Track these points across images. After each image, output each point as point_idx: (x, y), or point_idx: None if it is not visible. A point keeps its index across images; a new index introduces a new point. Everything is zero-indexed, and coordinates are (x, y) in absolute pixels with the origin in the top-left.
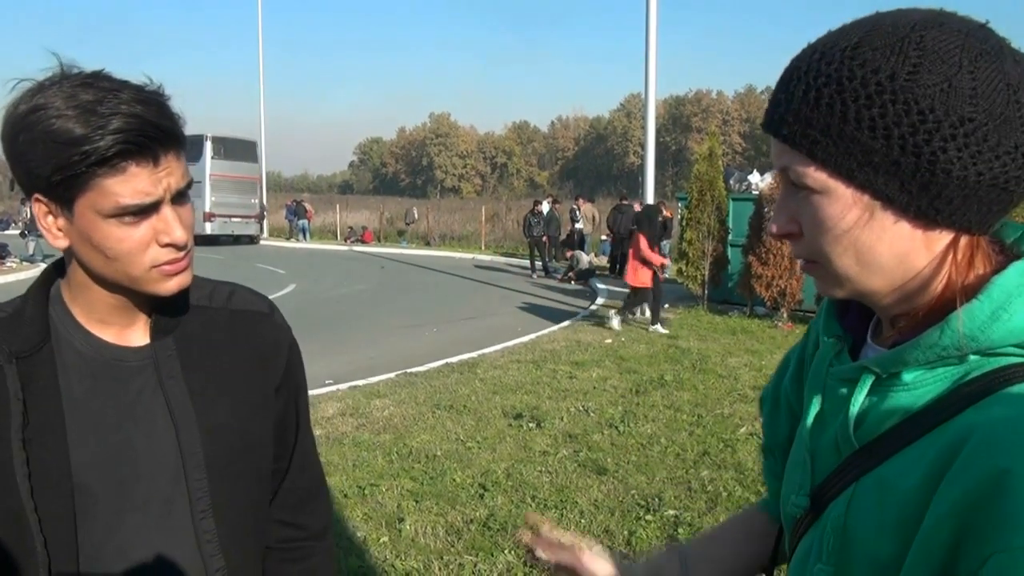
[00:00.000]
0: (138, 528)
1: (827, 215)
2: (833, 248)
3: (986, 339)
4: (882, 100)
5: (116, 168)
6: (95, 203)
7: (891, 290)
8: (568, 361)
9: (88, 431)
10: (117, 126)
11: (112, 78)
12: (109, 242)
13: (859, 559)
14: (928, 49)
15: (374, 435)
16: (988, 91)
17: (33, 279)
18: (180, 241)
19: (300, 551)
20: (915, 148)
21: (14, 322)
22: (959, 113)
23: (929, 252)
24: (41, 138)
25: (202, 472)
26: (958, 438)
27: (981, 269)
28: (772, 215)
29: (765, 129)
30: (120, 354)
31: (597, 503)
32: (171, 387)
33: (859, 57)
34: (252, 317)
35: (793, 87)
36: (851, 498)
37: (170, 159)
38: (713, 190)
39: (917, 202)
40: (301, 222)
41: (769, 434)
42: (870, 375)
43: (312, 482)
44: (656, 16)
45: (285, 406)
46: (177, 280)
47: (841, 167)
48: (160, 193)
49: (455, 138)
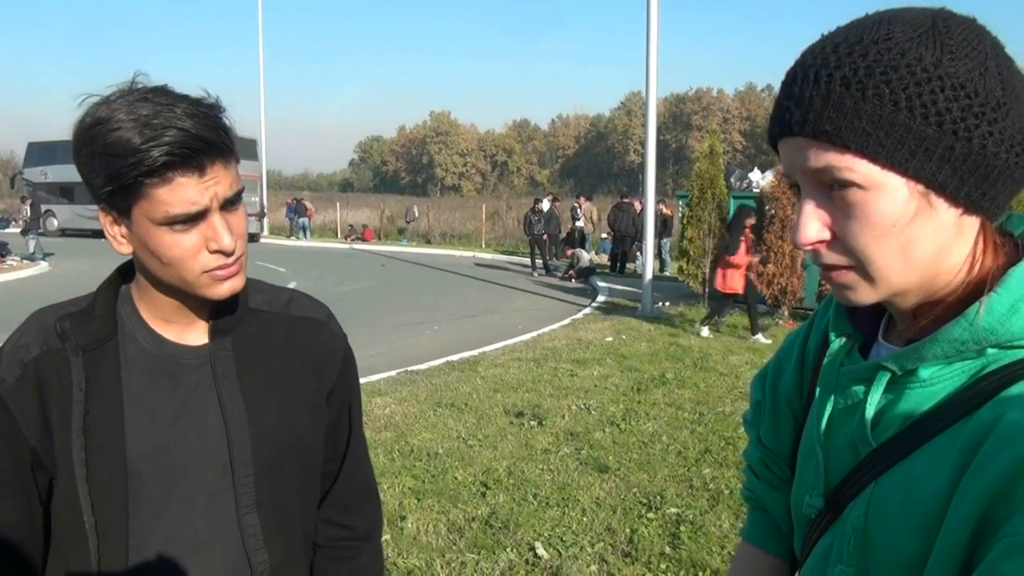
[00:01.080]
0: (185, 518)
1: (876, 210)
2: (878, 246)
3: (1005, 332)
4: (931, 87)
5: (164, 179)
6: (148, 212)
7: (922, 286)
8: (569, 359)
9: (144, 423)
10: (167, 139)
11: (171, 92)
12: (162, 248)
13: (881, 559)
14: (958, 37)
15: (375, 433)
16: (1009, 75)
17: (33, 277)
18: (228, 248)
19: (348, 551)
20: (966, 132)
21: (84, 316)
22: (996, 96)
23: (964, 241)
24: (99, 150)
25: (249, 469)
26: (979, 433)
27: (998, 259)
28: (796, 224)
29: (791, 133)
30: (179, 352)
31: (599, 501)
32: (225, 386)
33: (896, 47)
34: (309, 324)
35: (827, 83)
36: (871, 498)
37: (217, 169)
38: (714, 188)
39: (967, 187)
40: (302, 220)
41: (772, 443)
42: (886, 373)
43: (362, 485)
44: (657, 14)
45: (338, 412)
46: (229, 284)
47: (895, 157)
48: (207, 202)
49: (455, 136)
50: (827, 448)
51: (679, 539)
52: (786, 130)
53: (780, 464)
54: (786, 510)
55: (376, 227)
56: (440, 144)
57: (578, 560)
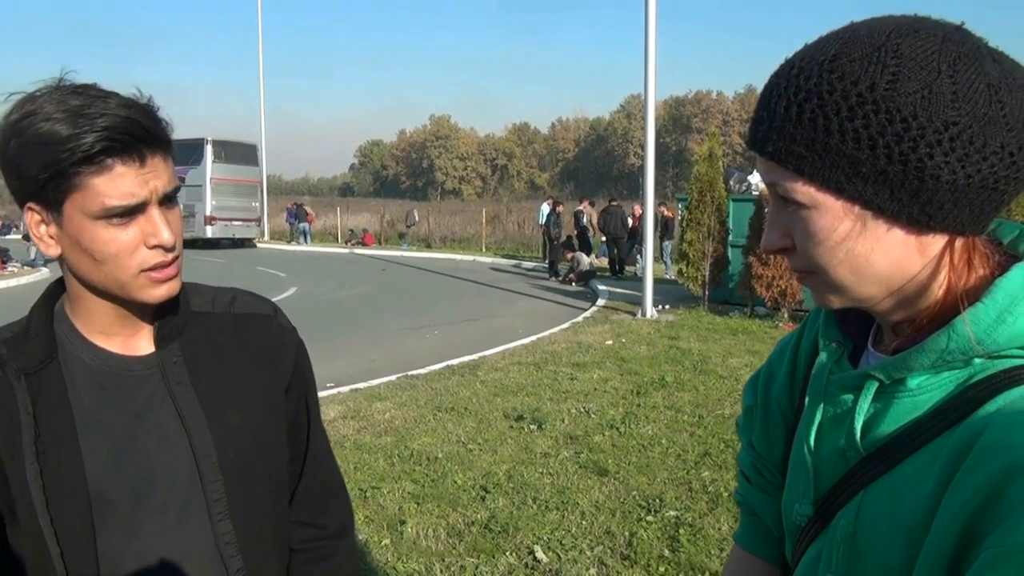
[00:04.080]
0: (157, 533)
1: (819, 228)
2: (828, 260)
3: (992, 342)
4: (864, 111)
5: (102, 166)
6: (83, 204)
7: (887, 296)
8: (569, 363)
9: (101, 441)
10: (103, 124)
11: (101, 89)
12: (97, 244)
13: (869, 567)
14: (906, 56)
15: (375, 438)
16: (969, 93)
17: (34, 283)
18: (168, 243)
19: (322, 550)
20: (901, 156)
21: (20, 340)
22: (942, 118)
23: (924, 257)
24: (30, 141)
25: (217, 475)
26: (965, 442)
27: (981, 271)
28: (764, 231)
29: (750, 147)
30: (125, 364)
31: (598, 504)
32: (180, 393)
33: (837, 70)
34: (256, 320)
35: (774, 104)
36: (860, 506)
37: (157, 161)
38: (713, 191)
39: (908, 209)
40: (302, 225)
41: (764, 449)
42: (874, 382)
43: (328, 481)
44: (655, 17)
45: (296, 406)
46: (166, 287)
47: (829, 180)
48: (146, 194)
49: (455, 140)
50: (816, 456)
51: (678, 542)
52: (749, 144)
53: (772, 470)
54: (778, 515)
55: (376, 231)
56: (440, 148)
57: (577, 563)
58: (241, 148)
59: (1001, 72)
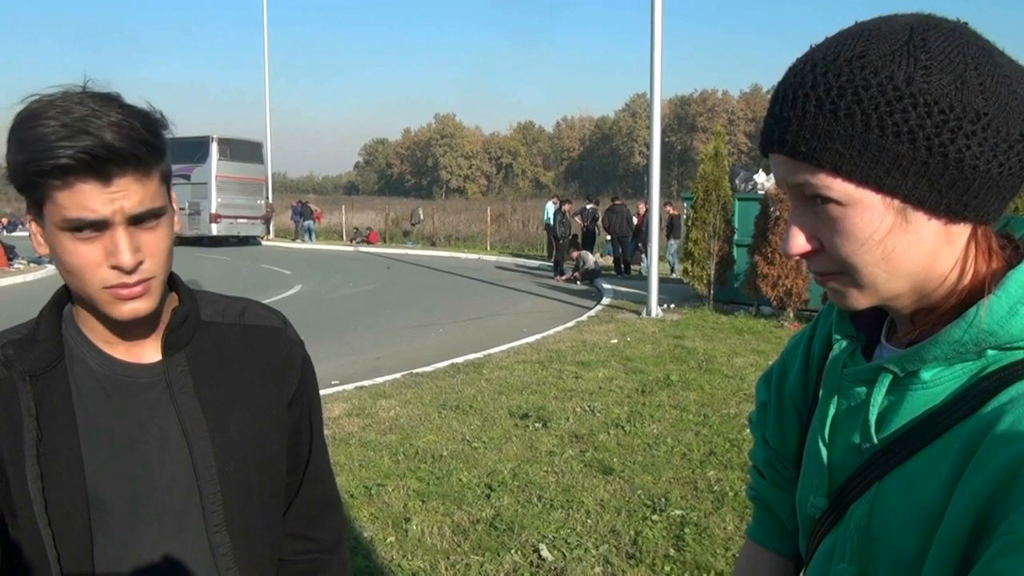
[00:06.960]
0: (153, 542)
1: (856, 225)
2: (863, 258)
3: (1005, 333)
4: (903, 105)
5: (65, 182)
6: (50, 214)
7: (913, 291)
8: (574, 361)
9: (102, 447)
10: (73, 142)
11: (112, 99)
12: (64, 255)
13: (883, 558)
14: (934, 50)
15: (380, 435)
16: (992, 84)
17: (40, 280)
18: (124, 265)
19: (313, 564)
20: (941, 147)
21: (27, 342)
22: (975, 108)
23: (951, 248)
24: (21, 141)
25: (215, 486)
26: (978, 432)
27: (994, 263)
28: (786, 234)
29: (770, 149)
30: (131, 371)
31: (603, 503)
32: (183, 403)
33: (869, 65)
34: (265, 332)
35: (803, 103)
36: (874, 498)
37: (127, 181)
38: (719, 190)
39: (946, 199)
40: (307, 223)
41: (778, 444)
42: (888, 374)
43: (325, 495)
44: (661, 16)
45: (298, 420)
46: (131, 307)
47: (869, 176)
48: (107, 213)
49: (460, 139)
50: (831, 449)
51: (683, 541)
52: (769, 147)
53: (785, 464)
54: (791, 510)
55: (381, 230)
56: (445, 147)
57: (582, 562)
58: (246, 146)
59: (1009, 64)
